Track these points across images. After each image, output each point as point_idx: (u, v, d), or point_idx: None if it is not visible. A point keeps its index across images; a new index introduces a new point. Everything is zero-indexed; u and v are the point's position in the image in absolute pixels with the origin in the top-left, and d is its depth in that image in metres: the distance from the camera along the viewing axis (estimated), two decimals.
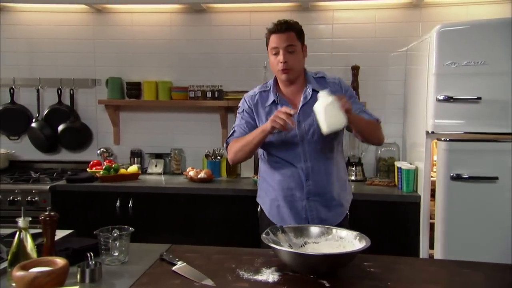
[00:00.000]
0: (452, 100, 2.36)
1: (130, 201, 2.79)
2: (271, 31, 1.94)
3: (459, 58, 2.33)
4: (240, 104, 2.10)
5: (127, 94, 3.31)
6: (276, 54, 1.91)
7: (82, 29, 3.38)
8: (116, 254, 1.43)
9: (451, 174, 2.35)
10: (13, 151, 3.45)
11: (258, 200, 2.14)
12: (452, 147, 2.37)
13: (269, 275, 1.30)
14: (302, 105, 1.95)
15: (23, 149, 3.48)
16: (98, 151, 3.35)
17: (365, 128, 1.94)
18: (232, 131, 2.06)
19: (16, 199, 2.81)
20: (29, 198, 2.80)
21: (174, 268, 1.34)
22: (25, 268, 1.15)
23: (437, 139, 2.42)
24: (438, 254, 2.40)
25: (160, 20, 3.33)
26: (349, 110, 1.70)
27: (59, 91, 3.39)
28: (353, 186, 2.88)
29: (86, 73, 3.40)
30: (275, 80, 2.04)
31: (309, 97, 1.95)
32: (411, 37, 3.07)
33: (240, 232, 2.58)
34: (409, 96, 3.02)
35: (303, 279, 1.28)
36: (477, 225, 2.35)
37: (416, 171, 2.68)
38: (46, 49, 3.41)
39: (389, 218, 2.65)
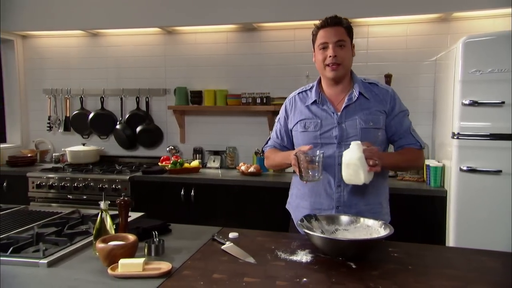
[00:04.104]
0: (476, 105, 2.23)
1: (192, 190, 2.88)
2: (319, 27, 1.61)
3: (483, 66, 2.20)
4: (280, 110, 1.81)
5: (191, 101, 3.40)
6: (325, 48, 1.57)
7: (155, 48, 3.53)
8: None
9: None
10: (103, 148, 3.66)
11: (287, 206, 1.82)
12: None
13: (303, 256, 1.30)
14: (346, 106, 1.60)
15: (110, 146, 3.68)
16: (168, 148, 3.49)
17: (399, 167, 1.74)
18: (268, 138, 1.86)
19: (104, 187, 2.99)
20: (113, 186, 2.97)
21: (223, 247, 1.37)
22: (105, 241, 1.23)
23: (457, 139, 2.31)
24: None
25: (218, 38, 3.40)
26: (376, 170, 1.42)
27: (137, 99, 3.55)
28: None
29: (159, 83, 3.54)
30: (319, 81, 1.70)
31: (354, 99, 1.59)
32: (440, 47, 2.94)
33: (284, 218, 2.58)
34: (438, 101, 2.88)
35: (332, 261, 1.26)
36: (485, 214, 2.26)
37: (443, 168, 2.56)
38: (127, 65, 3.59)
39: (418, 210, 2.55)
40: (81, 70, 3.70)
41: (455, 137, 2.32)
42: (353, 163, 1.42)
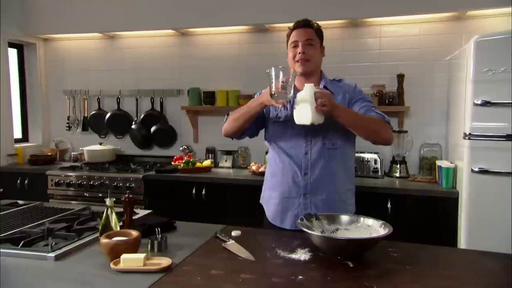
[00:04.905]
0: (489, 105, 2.19)
1: (204, 189, 2.93)
2: (292, 28, 1.76)
3: (496, 66, 2.15)
4: (258, 93, 1.85)
5: (204, 101, 3.45)
6: (295, 47, 1.71)
7: (170, 49, 3.59)
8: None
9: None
10: (119, 147, 3.74)
11: (261, 201, 1.91)
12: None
13: (302, 255, 1.31)
14: None
15: (126, 145, 3.76)
16: (181, 148, 3.54)
17: (358, 125, 1.61)
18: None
19: (118, 185, 3.07)
20: (127, 184, 3.04)
21: (224, 244, 1.40)
22: (109, 237, 1.28)
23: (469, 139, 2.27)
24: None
25: (231, 39, 3.44)
26: (324, 110, 1.48)
27: (152, 99, 3.62)
28: (397, 182, 2.78)
29: (173, 84, 3.60)
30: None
31: None
32: (454, 47, 2.88)
33: None
34: (451, 101, 2.84)
35: (331, 259, 1.27)
36: (497, 216, 2.21)
37: (455, 169, 2.52)
38: (143, 66, 3.67)
39: (429, 211, 2.52)
40: (99, 72, 3.80)
41: (466, 137, 2.27)
42: (302, 101, 1.49)
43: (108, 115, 3.72)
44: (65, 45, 3.89)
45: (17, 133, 3.85)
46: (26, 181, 3.31)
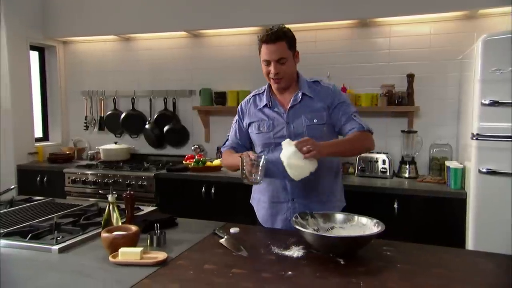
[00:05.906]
0: (497, 105, 2.15)
1: (213, 188, 2.97)
2: (262, 41, 1.68)
3: (504, 65, 2.11)
4: (237, 110, 1.93)
5: (215, 102, 3.49)
6: (268, 65, 1.69)
7: (182, 51, 3.66)
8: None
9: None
10: (133, 146, 3.84)
11: (251, 201, 1.95)
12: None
13: (295, 252, 1.34)
14: (291, 107, 1.74)
15: (140, 144, 3.85)
16: (193, 147, 3.60)
17: (344, 151, 1.69)
18: (226, 139, 1.97)
19: (131, 183, 3.15)
20: (139, 183, 3.12)
21: (220, 240, 1.44)
22: (110, 231, 1.33)
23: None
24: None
25: (242, 40, 3.47)
26: (313, 155, 1.45)
27: (165, 100, 3.70)
28: (405, 183, 2.75)
29: (185, 85, 3.66)
30: (269, 85, 1.82)
31: (298, 100, 1.73)
32: (466, 46, 2.82)
33: None
34: (462, 101, 2.79)
35: (323, 257, 1.29)
36: (505, 217, 2.16)
37: (463, 170, 2.48)
38: (156, 67, 3.75)
39: (437, 212, 2.49)
40: (115, 73, 3.91)
41: (474, 138, 2.24)
42: (291, 160, 1.47)
43: (123, 115, 3.82)
44: (83, 47, 4.02)
45: (38, 133, 4.00)
46: (45, 179, 3.44)
